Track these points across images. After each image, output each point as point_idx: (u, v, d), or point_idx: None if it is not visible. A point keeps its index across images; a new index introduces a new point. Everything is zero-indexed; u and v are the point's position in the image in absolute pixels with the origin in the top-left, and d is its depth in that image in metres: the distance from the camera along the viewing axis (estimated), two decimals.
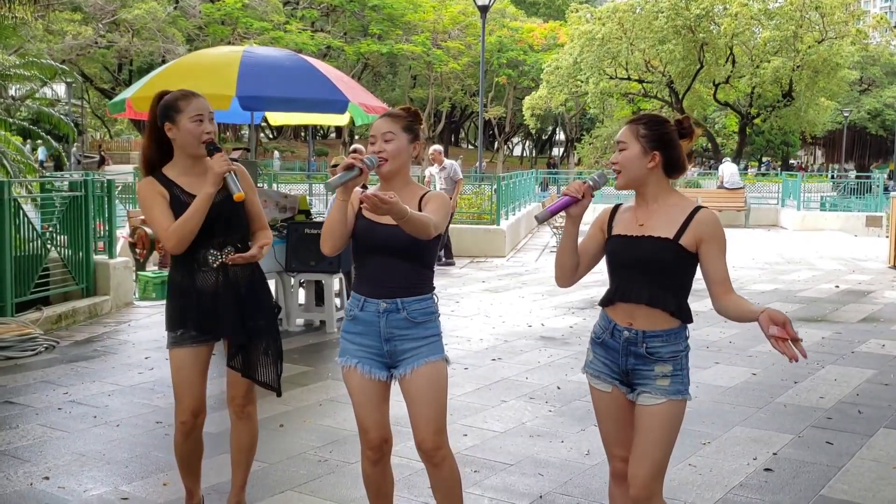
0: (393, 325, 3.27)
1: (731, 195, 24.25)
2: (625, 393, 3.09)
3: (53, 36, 36.71)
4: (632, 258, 3.00)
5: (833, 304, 10.58)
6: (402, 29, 48.10)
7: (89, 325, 8.77)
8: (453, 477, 3.38)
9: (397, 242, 3.21)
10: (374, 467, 3.40)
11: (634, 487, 3.00)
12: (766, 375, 6.88)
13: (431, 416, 3.29)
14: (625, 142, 3.01)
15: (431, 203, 3.29)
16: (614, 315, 3.07)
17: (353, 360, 3.33)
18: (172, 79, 8.16)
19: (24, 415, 5.66)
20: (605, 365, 3.11)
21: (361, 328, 3.32)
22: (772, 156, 61.25)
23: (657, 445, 2.99)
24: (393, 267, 3.26)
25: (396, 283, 3.26)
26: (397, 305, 3.25)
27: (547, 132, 70.79)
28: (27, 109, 22.35)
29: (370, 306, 3.28)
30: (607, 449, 3.22)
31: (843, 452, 5.07)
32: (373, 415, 3.34)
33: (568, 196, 3.02)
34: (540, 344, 8.03)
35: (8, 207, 8.17)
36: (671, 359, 2.99)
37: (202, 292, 3.58)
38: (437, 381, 3.30)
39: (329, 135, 65.60)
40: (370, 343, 3.31)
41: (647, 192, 3.04)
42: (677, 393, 3.00)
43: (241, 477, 3.85)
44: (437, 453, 3.31)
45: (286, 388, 6.30)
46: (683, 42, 38.09)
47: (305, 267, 8.40)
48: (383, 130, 3.25)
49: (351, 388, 3.37)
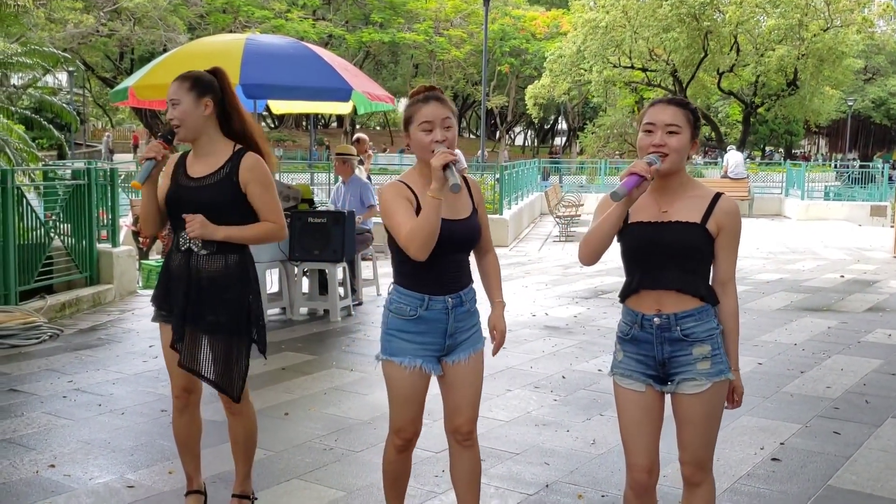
0: (458, 320, 3.24)
1: (734, 185, 24.20)
2: (660, 391, 3.00)
3: (55, 24, 36.60)
4: (660, 243, 2.91)
5: (838, 293, 10.55)
6: (404, 17, 47.96)
7: (93, 313, 8.76)
8: (479, 460, 3.41)
9: (472, 237, 3.24)
10: (400, 454, 3.39)
11: (687, 471, 3.02)
12: (772, 365, 6.85)
13: (476, 400, 3.32)
14: (679, 126, 2.89)
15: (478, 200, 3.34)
16: (639, 306, 2.97)
17: (416, 361, 3.21)
18: (175, 67, 8.12)
19: (28, 403, 5.65)
20: (638, 362, 2.99)
21: (425, 327, 3.21)
22: (775, 145, 61.13)
23: (706, 432, 2.97)
24: (460, 262, 3.25)
25: (459, 277, 3.24)
26: (461, 298, 3.24)
27: (549, 121, 70.67)
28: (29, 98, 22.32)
29: (437, 304, 3.19)
30: (629, 458, 3.04)
31: (850, 442, 5.05)
32: (414, 413, 3.31)
33: (638, 174, 2.82)
34: (544, 333, 8.01)
35: (11, 196, 8.15)
36: (708, 338, 2.92)
37: (171, 273, 3.62)
38: (482, 366, 3.35)
39: (330, 124, 65.52)
40: (433, 340, 3.23)
41: (675, 178, 2.95)
42: (720, 374, 2.93)
43: (242, 468, 3.82)
44: (472, 436, 3.34)
45: (291, 377, 6.32)
46: (687, 30, 37.93)
47: (309, 256, 8.38)
48: (443, 116, 3.14)
49: (404, 386, 3.26)
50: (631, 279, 3.01)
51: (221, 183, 3.52)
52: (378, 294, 9.99)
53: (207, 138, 3.57)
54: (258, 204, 3.56)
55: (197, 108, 3.51)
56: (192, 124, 3.52)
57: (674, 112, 2.91)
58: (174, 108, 3.50)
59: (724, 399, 2.99)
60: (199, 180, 3.54)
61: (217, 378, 3.60)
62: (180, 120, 3.50)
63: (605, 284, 10.88)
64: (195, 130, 3.54)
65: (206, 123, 3.55)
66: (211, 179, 3.53)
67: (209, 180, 3.53)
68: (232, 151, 3.58)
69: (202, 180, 3.54)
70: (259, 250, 5.29)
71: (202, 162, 3.57)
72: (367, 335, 7.95)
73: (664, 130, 2.89)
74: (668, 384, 2.97)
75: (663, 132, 2.89)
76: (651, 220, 2.94)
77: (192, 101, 3.50)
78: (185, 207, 3.51)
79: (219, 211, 3.50)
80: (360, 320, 8.66)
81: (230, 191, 3.52)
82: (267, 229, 3.58)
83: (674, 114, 2.91)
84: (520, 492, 4.25)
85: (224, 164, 3.54)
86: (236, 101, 3.66)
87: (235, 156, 3.56)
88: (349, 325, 8.37)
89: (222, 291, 3.54)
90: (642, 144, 2.92)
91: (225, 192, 3.51)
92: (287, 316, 8.63)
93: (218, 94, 3.58)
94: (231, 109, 3.63)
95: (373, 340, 7.75)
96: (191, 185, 3.55)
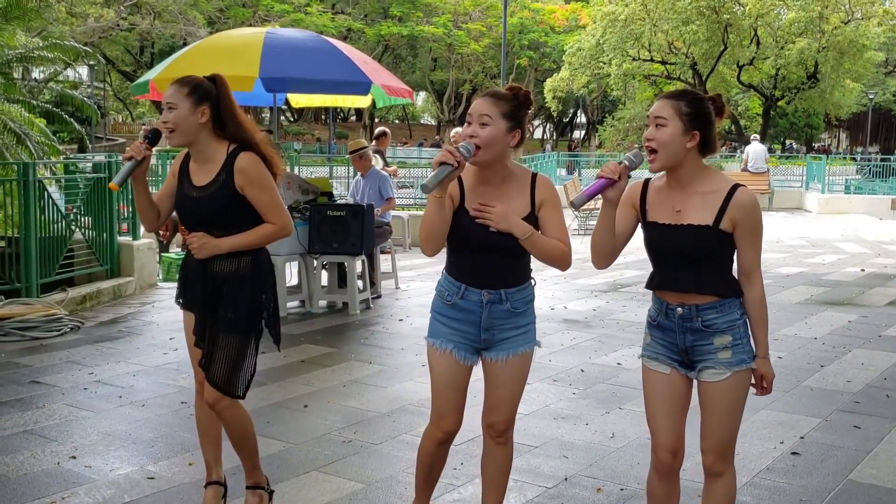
0: (495, 316, 3.18)
1: (754, 178, 23.95)
2: (684, 375, 3.03)
3: (76, 18, 36.81)
4: (673, 248, 2.92)
5: (859, 287, 10.47)
6: (423, 11, 47.92)
7: (114, 305, 8.82)
8: (511, 459, 3.42)
9: (505, 245, 3.08)
10: (439, 447, 3.36)
11: (708, 460, 3.03)
12: (792, 359, 6.81)
13: (513, 401, 3.29)
14: (665, 118, 2.87)
15: (549, 209, 3.14)
16: (663, 295, 3.01)
17: (448, 345, 3.20)
18: (196, 61, 8.17)
19: (50, 395, 5.69)
20: (663, 347, 3.03)
21: (460, 315, 3.19)
22: (795, 138, 60.67)
23: (726, 421, 2.98)
24: (499, 262, 3.15)
25: (501, 275, 3.16)
26: (501, 297, 3.16)
27: (568, 115, 70.41)
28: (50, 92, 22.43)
29: (472, 295, 3.16)
30: (655, 438, 3.07)
31: (871, 437, 5.02)
32: (455, 401, 3.27)
33: (604, 178, 2.85)
34: (563, 327, 8.00)
35: (33, 189, 8.22)
36: (729, 329, 2.93)
37: (189, 271, 3.68)
38: (525, 369, 3.28)
39: (349, 117, 65.54)
40: (467, 330, 3.20)
41: (682, 173, 2.93)
42: (741, 363, 2.94)
43: (247, 460, 3.79)
44: (506, 434, 3.34)
45: (310, 370, 6.34)
46: (707, 23, 37.64)
47: (328, 249, 8.41)
48: (481, 112, 3.02)
49: (439, 370, 3.25)
50: (653, 274, 3.06)
51: (220, 192, 3.50)
52: (397, 287, 10.00)
53: (202, 144, 3.55)
54: (257, 205, 3.55)
55: (193, 114, 3.48)
56: (186, 130, 3.49)
57: (662, 104, 2.90)
58: (169, 111, 3.47)
59: (746, 388, 2.99)
60: (200, 189, 3.54)
61: (218, 377, 3.57)
62: (174, 125, 3.47)
63: (625, 278, 10.85)
64: (188, 136, 3.51)
65: (200, 130, 3.52)
66: (210, 189, 3.52)
67: (209, 189, 3.53)
68: (226, 154, 3.54)
69: (203, 190, 3.54)
70: (278, 244, 5.29)
71: (203, 169, 3.56)
72: (386, 328, 7.96)
73: (653, 124, 2.90)
74: (693, 370, 3.01)
75: (653, 126, 2.90)
76: (665, 222, 2.95)
77: (189, 108, 3.47)
78: (190, 217, 3.57)
79: (223, 219, 3.52)
80: (378, 313, 8.68)
81: (229, 199, 3.50)
82: (268, 232, 3.57)
83: (661, 106, 2.90)
84: (539, 485, 4.25)
85: (220, 170, 3.52)
86: (233, 108, 3.60)
87: (229, 158, 3.52)
88: (368, 318, 8.39)
89: (235, 291, 3.56)
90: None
91: (224, 200, 3.50)
92: (306, 309, 8.66)
93: (215, 101, 3.54)
94: (226, 116, 3.56)
95: (392, 333, 7.77)
96: (194, 195, 3.56)
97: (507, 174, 3.15)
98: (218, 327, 3.58)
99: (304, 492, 4.15)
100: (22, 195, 8.21)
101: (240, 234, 3.53)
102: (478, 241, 3.10)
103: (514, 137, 3.08)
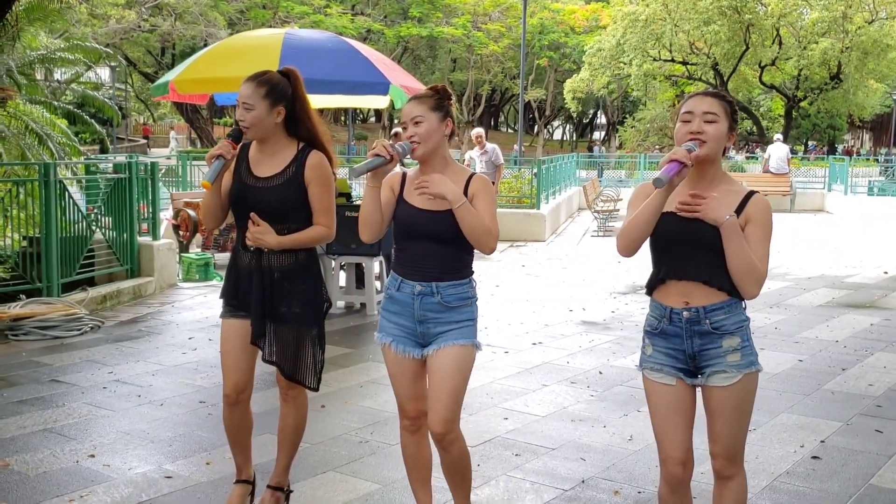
0: (426, 308, 3.30)
1: (776, 179, 23.79)
2: (690, 384, 2.99)
3: (97, 20, 37.04)
4: (691, 235, 2.89)
5: (881, 290, 10.37)
6: (443, 11, 47.90)
7: (133, 305, 8.87)
8: (462, 460, 3.42)
9: (440, 230, 3.24)
10: (411, 436, 3.47)
11: (718, 464, 3.02)
12: (812, 362, 6.76)
13: (446, 401, 3.29)
14: (717, 114, 2.91)
15: (481, 198, 3.26)
16: (666, 299, 2.98)
17: (387, 339, 3.40)
18: (216, 61, 8.20)
19: (69, 393, 5.73)
20: (668, 356, 2.99)
21: (397, 308, 3.37)
22: (818, 139, 60.22)
23: (736, 424, 2.96)
24: (434, 252, 3.28)
25: (435, 267, 3.28)
26: (432, 289, 3.29)
27: (588, 115, 70.24)
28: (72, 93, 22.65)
29: (406, 287, 3.32)
30: (663, 451, 3.03)
31: (893, 441, 4.96)
32: (407, 389, 3.43)
33: (678, 161, 2.82)
34: (581, 329, 7.97)
35: (54, 189, 8.28)
36: (737, 330, 2.91)
37: (240, 271, 3.65)
38: (459, 364, 3.30)
39: (369, 118, 65.68)
40: (405, 323, 3.36)
41: (711, 169, 2.94)
42: (750, 365, 2.93)
43: (284, 458, 3.83)
44: (445, 437, 3.33)
45: (328, 370, 6.29)
46: (729, 23, 37.43)
47: (346, 250, 8.41)
48: (413, 115, 3.25)
49: (387, 363, 3.46)
50: (658, 269, 3.01)
51: (289, 183, 3.55)
52: None
53: (274, 140, 3.60)
54: (315, 203, 3.59)
55: (269, 115, 3.52)
56: (262, 129, 3.54)
57: (711, 101, 2.94)
58: (247, 111, 3.50)
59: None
60: (266, 180, 3.57)
61: (291, 370, 3.64)
62: (251, 124, 3.51)
63: (643, 280, 10.78)
64: (263, 134, 3.56)
65: (275, 128, 3.57)
66: (278, 180, 3.56)
67: (276, 181, 3.56)
68: (297, 150, 3.60)
69: (269, 180, 3.56)
70: None
71: (268, 160, 3.59)
72: None
73: (702, 119, 2.91)
74: (699, 377, 2.97)
75: (701, 120, 2.91)
76: (685, 213, 2.91)
77: (266, 109, 3.51)
78: (251, 208, 3.54)
79: (286, 211, 3.55)
80: None
81: (297, 191, 3.55)
82: (317, 234, 3.62)
83: (711, 103, 2.94)
84: (556, 487, 4.24)
85: (290, 164, 3.57)
86: (307, 107, 3.65)
87: (300, 154, 3.58)
88: None
89: (296, 283, 3.60)
90: (680, 134, 2.93)
91: (292, 192, 3.55)
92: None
93: (290, 101, 3.58)
94: (302, 115, 3.62)
95: None
96: (258, 185, 3.57)
97: (445, 167, 3.33)
98: (282, 322, 3.60)
99: (320, 492, 4.16)
100: (43, 195, 8.28)
101: (297, 232, 3.57)
102: (411, 228, 3.29)
103: (447, 126, 3.31)
